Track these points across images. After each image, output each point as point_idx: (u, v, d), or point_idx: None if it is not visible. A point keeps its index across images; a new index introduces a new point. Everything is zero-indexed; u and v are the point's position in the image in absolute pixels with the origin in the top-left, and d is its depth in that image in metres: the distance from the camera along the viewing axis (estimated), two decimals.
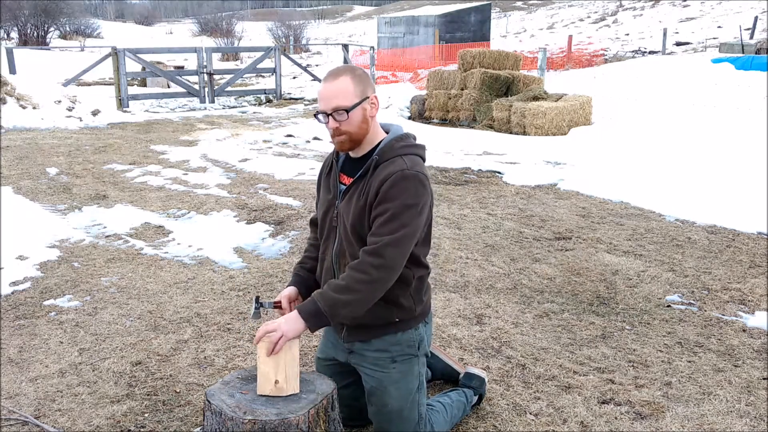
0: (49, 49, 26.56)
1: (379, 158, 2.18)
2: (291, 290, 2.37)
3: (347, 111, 2.13)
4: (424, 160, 2.26)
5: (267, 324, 2.08)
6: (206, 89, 14.16)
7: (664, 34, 23.26)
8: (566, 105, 9.74)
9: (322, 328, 2.24)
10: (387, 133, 2.29)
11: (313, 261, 2.45)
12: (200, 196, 6.31)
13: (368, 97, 2.18)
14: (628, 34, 31.78)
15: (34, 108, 11.08)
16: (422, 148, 2.29)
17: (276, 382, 2.06)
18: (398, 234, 2.09)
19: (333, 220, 2.28)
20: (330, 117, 2.15)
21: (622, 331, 3.50)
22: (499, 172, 7.31)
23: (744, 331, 3.52)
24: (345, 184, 2.27)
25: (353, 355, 2.38)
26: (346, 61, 17.21)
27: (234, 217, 5.64)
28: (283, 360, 2.05)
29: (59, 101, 11.58)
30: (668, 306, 3.82)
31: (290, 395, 2.09)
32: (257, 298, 2.35)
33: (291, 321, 2.08)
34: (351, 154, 2.28)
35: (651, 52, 23.84)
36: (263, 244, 4.97)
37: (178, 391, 2.92)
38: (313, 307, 2.09)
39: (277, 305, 2.34)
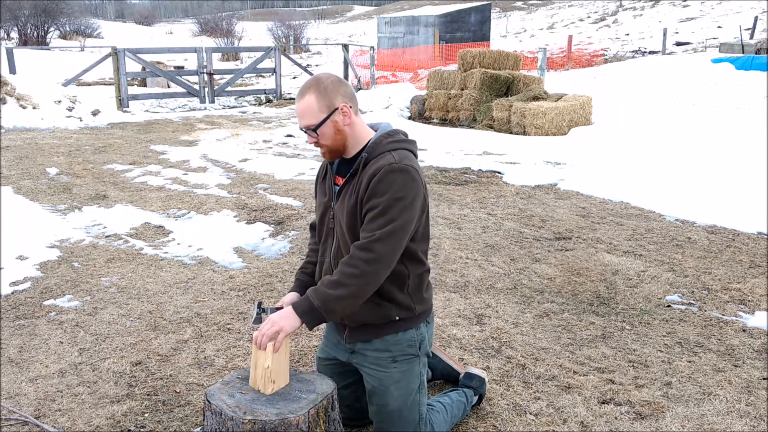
0: (49, 49, 26.54)
1: (368, 155, 2.20)
2: (293, 296, 2.38)
3: (315, 129, 2.19)
4: (415, 155, 2.27)
5: (262, 326, 2.11)
6: (206, 89, 14.16)
7: (664, 34, 23.27)
8: (566, 105, 9.74)
9: (320, 327, 2.25)
10: (375, 131, 2.30)
11: (314, 266, 2.47)
12: (200, 196, 6.31)
13: (337, 109, 2.18)
14: (628, 34, 31.78)
15: (34, 108, 11.08)
16: (412, 143, 2.30)
17: (269, 373, 2.10)
18: (388, 228, 2.11)
19: (330, 221, 2.31)
20: (306, 133, 2.23)
21: (622, 331, 3.50)
22: (499, 172, 7.32)
23: (744, 331, 3.52)
24: (339, 185, 2.31)
25: (355, 355, 2.39)
26: (346, 60, 17.19)
27: (234, 217, 5.64)
28: (274, 354, 2.10)
29: (59, 101, 11.58)
30: (668, 306, 3.82)
31: (284, 389, 2.12)
32: (260, 303, 2.35)
33: (286, 317, 2.12)
34: (343, 155, 2.30)
35: (651, 52, 23.85)
36: (263, 244, 4.98)
37: (178, 391, 2.92)
38: (307, 303, 2.12)
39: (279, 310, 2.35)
